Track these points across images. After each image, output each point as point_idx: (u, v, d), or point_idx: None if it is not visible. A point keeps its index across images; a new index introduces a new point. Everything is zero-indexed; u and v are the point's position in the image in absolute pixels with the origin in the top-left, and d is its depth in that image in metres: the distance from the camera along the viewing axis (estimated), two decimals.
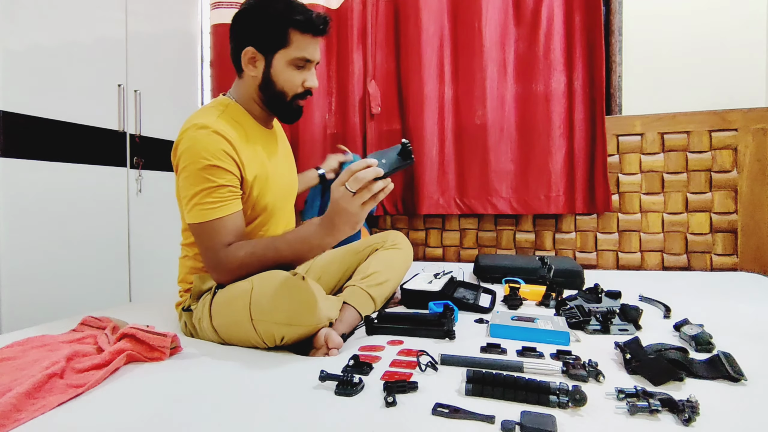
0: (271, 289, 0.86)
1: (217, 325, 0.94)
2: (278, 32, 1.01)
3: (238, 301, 0.88)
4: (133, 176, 1.94)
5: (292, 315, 0.85)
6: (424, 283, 1.27)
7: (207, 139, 0.96)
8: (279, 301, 0.84)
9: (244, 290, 0.88)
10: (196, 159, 0.95)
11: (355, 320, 1.06)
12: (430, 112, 2.08)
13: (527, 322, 0.98)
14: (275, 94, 1.05)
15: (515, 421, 0.57)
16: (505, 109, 2.03)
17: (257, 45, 1.02)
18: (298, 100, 1.07)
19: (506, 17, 2.02)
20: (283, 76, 1.03)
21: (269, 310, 0.85)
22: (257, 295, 0.86)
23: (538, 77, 1.99)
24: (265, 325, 0.85)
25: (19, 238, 1.52)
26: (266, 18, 1.01)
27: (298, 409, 0.63)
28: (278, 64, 1.03)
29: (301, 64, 1.03)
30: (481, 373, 0.67)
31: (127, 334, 0.83)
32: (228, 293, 0.93)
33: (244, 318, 0.86)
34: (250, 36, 1.03)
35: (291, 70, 1.03)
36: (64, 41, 1.66)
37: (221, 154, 0.96)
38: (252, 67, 1.05)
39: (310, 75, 1.06)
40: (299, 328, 0.86)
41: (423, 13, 2.07)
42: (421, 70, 2.07)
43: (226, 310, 0.92)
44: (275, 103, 1.07)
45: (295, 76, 1.04)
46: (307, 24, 1.00)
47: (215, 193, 0.96)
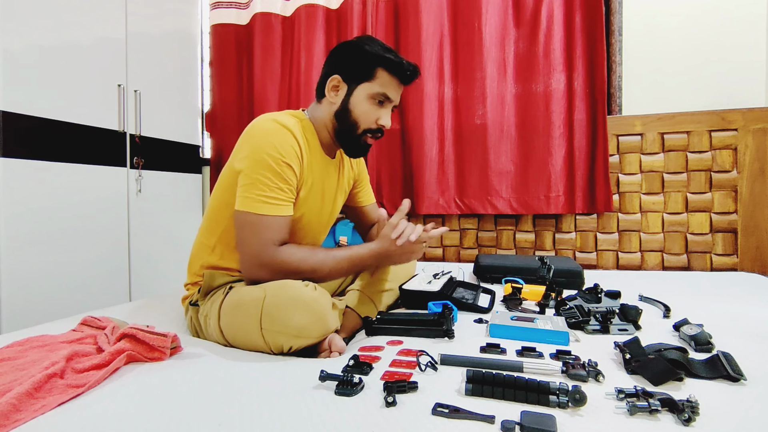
0: (283, 301, 0.85)
1: (225, 327, 0.94)
2: (367, 66, 1.04)
3: (250, 309, 0.87)
4: (133, 176, 1.94)
5: (303, 328, 0.85)
6: (423, 284, 1.27)
7: (284, 137, 0.98)
8: (291, 313, 0.84)
9: (257, 298, 0.87)
10: (271, 150, 0.96)
11: (356, 324, 1.06)
12: (430, 112, 2.08)
13: (527, 322, 0.98)
14: (348, 123, 1.06)
15: (515, 421, 0.57)
16: (505, 109, 2.03)
17: (344, 74, 1.05)
18: (368, 135, 1.08)
19: (506, 17, 2.02)
20: (360, 108, 1.05)
21: (280, 321, 0.85)
22: (269, 306, 0.85)
23: (538, 77, 1.99)
24: (274, 336, 0.85)
25: (19, 238, 1.52)
26: (360, 52, 1.04)
27: (298, 409, 0.63)
28: (359, 95, 1.05)
29: (380, 100, 1.05)
30: (481, 373, 0.67)
31: (127, 334, 0.83)
32: (239, 298, 0.92)
33: (253, 326, 0.86)
34: (340, 65, 1.06)
35: (369, 104, 1.05)
36: (64, 41, 1.66)
37: (294, 156, 0.99)
38: (334, 93, 1.07)
39: (386, 114, 1.07)
40: (308, 340, 0.87)
41: (423, 13, 2.07)
42: (421, 69, 2.07)
43: (236, 315, 0.91)
44: (345, 134, 1.08)
45: (371, 111, 1.05)
46: (397, 67, 1.04)
47: (279, 190, 0.97)
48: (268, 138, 0.98)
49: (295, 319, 0.84)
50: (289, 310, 0.85)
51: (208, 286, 1.02)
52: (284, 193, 0.98)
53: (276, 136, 0.98)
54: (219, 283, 1.03)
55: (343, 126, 1.07)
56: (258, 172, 0.96)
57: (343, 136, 1.09)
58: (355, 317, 1.07)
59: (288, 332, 0.85)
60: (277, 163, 0.96)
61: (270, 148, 0.97)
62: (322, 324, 0.87)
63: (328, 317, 0.88)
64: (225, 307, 0.94)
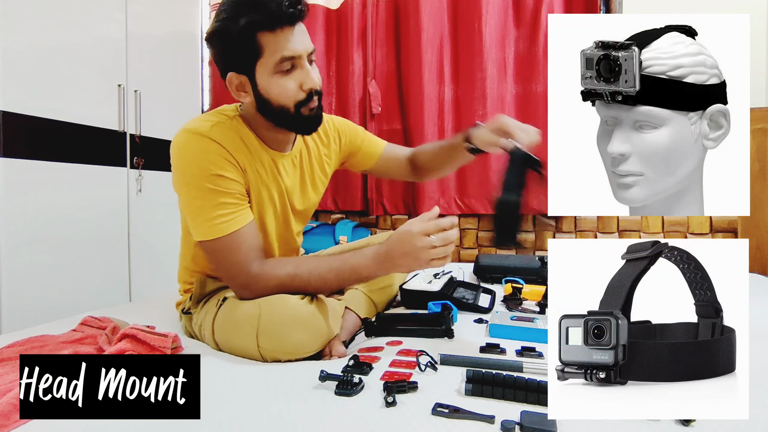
0: (280, 318, 0.81)
1: (220, 342, 0.90)
2: (244, 42, 0.84)
3: (246, 327, 0.82)
4: (133, 176, 1.94)
5: (302, 345, 0.82)
6: (423, 283, 1.27)
7: (202, 147, 0.86)
8: (288, 331, 0.80)
9: (251, 315, 0.82)
10: (194, 168, 0.86)
11: (356, 326, 1.05)
12: (431, 112, 2.09)
13: (527, 322, 0.98)
14: (276, 111, 0.89)
15: (515, 421, 0.57)
16: (505, 109, 2.03)
17: (234, 67, 0.88)
18: (304, 107, 0.89)
19: (506, 17, 2.03)
20: (274, 90, 0.87)
21: (278, 340, 0.81)
22: (266, 323, 0.80)
23: (538, 77, 1.99)
24: (272, 353, 0.82)
25: (19, 238, 1.52)
26: (227, 33, 0.84)
27: (298, 409, 0.63)
28: (262, 77, 0.87)
29: (287, 67, 0.86)
30: (480, 373, 0.67)
31: (127, 335, 0.83)
32: (233, 314, 0.86)
33: (250, 345, 0.82)
34: (223, 60, 0.89)
35: (279, 78, 0.86)
36: (64, 41, 1.66)
37: (220, 161, 0.87)
38: (243, 93, 0.90)
39: (304, 74, 0.87)
40: (307, 353, 0.84)
41: (423, 13, 2.07)
42: (421, 70, 2.07)
43: (232, 333, 0.86)
44: (281, 120, 0.91)
45: (287, 83, 0.87)
46: (271, 18, 0.82)
47: (223, 206, 0.86)
48: (187, 155, 0.87)
49: (294, 337, 0.80)
50: (286, 328, 0.80)
51: (198, 294, 0.99)
52: (230, 205, 0.87)
53: (194, 151, 0.87)
54: (210, 289, 0.99)
55: (272, 116, 0.91)
56: (192, 195, 0.87)
57: (282, 123, 0.92)
58: (355, 318, 1.06)
59: (287, 350, 0.81)
60: (206, 179, 0.85)
61: (192, 166, 0.86)
62: (321, 340, 0.84)
63: (327, 330, 0.85)
64: (218, 323, 0.89)
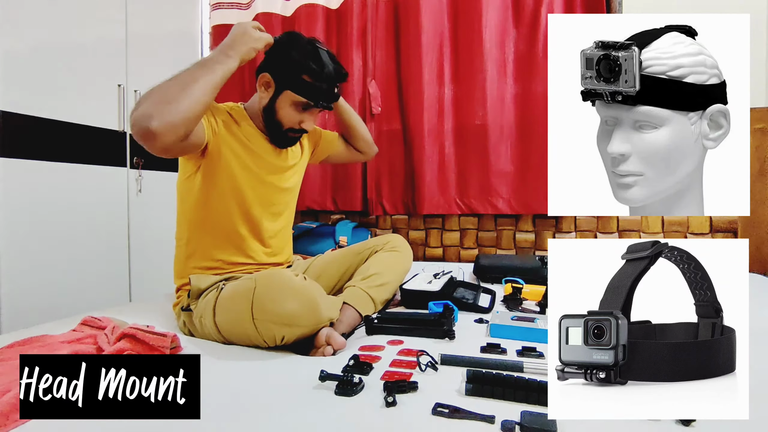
0: (273, 289, 0.87)
1: (220, 323, 0.95)
2: (292, 73, 1.07)
3: (241, 300, 0.89)
4: (133, 176, 1.94)
5: (293, 316, 0.86)
6: (423, 283, 1.27)
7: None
8: (281, 300, 0.86)
9: (247, 288, 0.89)
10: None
11: (355, 320, 1.06)
12: (430, 112, 2.08)
13: (527, 322, 0.98)
14: (273, 121, 1.13)
15: (515, 421, 0.57)
16: (505, 110, 2.03)
17: (274, 75, 1.09)
18: (291, 133, 1.15)
19: (506, 17, 2.02)
20: (284, 111, 1.11)
21: (271, 309, 0.85)
22: (259, 295, 0.87)
23: (538, 77, 1.98)
24: (266, 325, 0.86)
25: (19, 238, 1.52)
26: (287, 58, 1.08)
27: (298, 409, 0.63)
28: (284, 99, 1.10)
29: (303, 106, 1.11)
30: (481, 372, 0.67)
31: (127, 334, 0.83)
32: (231, 291, 0.94)
33: (245, 317, 0.87)
34: (272, 65, 1.10)
35: (293, 109, 1.11)
36: (64, 41, 1.66)
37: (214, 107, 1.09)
38: (264, 90, 1.11)
39: (309, 118, 1.14)
40: (300, 329, 0.87)
41: (423, 14, 2.07)
42: (421, 70, 2.07)
43: (230, 308, 0.93)
44: (271, 128, 1.15)
45: (295, 115, 1.12)
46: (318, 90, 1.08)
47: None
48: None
49: (286, 307, 0.85)
50: (279, 297, 0.86)
51: (197, 289, 1.03)
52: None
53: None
54: (208, 284, 1.04)
55: (268, 121, 1.14)
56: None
57: (270, 129, 1.15)
58: (354, 313, 1.07)
59: (279, 321, 0.85)
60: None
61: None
62: (313, 312, 0.87)
63: (320, 305, 0.89)
64: (219, 303, 0.96)
